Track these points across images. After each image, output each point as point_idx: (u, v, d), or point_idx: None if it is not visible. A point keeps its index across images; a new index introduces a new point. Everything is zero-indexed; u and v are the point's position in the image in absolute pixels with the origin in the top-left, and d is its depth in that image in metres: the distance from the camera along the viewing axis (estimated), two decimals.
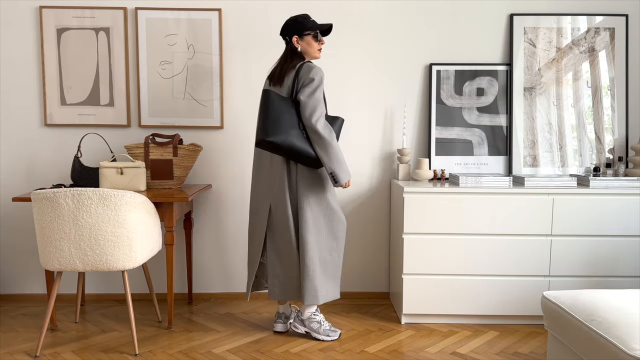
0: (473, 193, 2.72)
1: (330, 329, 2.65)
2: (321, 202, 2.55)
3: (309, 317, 2.64)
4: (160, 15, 3.06)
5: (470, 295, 2.77)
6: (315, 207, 2.53)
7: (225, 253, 3.24)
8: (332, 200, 2.59)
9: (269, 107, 2.44)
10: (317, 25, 2.55)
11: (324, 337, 2.62)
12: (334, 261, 2.59)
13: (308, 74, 2.45)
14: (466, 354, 2.47)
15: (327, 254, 2.56)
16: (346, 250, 3.13)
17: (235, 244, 3.23)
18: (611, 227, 2.72)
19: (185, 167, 2.93)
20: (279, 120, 2.41)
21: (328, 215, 2.56)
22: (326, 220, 2.56)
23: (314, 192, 2.54)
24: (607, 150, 3.10)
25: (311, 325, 2.64)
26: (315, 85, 2.44)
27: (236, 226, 3.22)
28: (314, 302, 2.52)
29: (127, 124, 3.13)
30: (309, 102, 2.43)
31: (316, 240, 2.52)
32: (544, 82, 3.12)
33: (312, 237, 2.51)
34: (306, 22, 2.54)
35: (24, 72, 3.10)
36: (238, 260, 3.24)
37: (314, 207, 2.52)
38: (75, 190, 2.30)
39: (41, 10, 3.04)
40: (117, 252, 2.37)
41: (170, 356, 2.44)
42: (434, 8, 3.12)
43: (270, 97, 2.45)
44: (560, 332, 1.85)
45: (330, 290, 2.58)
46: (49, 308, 2.46)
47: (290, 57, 2.54)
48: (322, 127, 2.43)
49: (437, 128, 3.14)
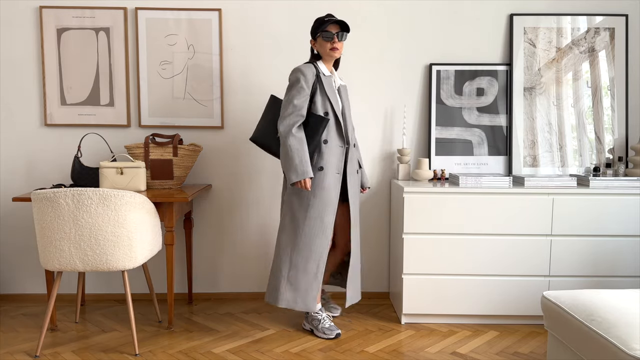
0: (473, 193, 2.72)
1: (330, 327, 2.65)
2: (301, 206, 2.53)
3: (311, 314, 2.67)
4: (160, 15, 3.06)
5: (470, 295, 2.77)
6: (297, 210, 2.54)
7: (225, 253, 3.25)
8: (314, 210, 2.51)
9: (265, 110, 2.69)
10: (324, 24, 2.54)
11: (321, 335, 2.64)
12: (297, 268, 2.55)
13: (289, 76, 2.58)
14: (466, 354, 2.47)
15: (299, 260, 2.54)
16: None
17: (235, 244, 3.23)
18: (611, 227, 2.72)
19: (185, 167, 2.93)
20: (264, 121, 2.63)
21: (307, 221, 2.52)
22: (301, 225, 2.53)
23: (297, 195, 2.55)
24: (607, 150, 3.10)
25: (312, 322, 2.68)
26: (289, 87, 2.54)
27: (236, 226, 3.22)
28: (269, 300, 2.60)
29: (127, 124, 3.13)
30: (282, 106, 2.55)
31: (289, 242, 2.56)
32: (544, 82, 3.12)
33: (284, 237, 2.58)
34: (317, 24, 2.59)
35: (24, 72, 3.10)
36: (238, 260, 3.25)
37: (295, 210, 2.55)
38: (75, 190, 2.30)
39: (41, 10, 3.04)
40: (117, 252, 2.37)
41: (170, 356, 2.44)
42: (434, 8, 3.12)
43: (269, 100, 2.66)
44: (560, 332, 1.85)
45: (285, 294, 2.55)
46: (49, 308, 2.46)
47: (310, 59, 2.67)
48: (282, 128, 2.48)
49: (437, 128, 3.14)
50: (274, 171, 3.18)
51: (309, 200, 2.51)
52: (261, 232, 3.23)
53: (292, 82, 2.54)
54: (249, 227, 3.22)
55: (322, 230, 2.53)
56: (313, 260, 2.53)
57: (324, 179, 2.53)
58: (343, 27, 2.56)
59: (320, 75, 2.57)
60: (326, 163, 2.54)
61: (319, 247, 2.53)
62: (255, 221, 3.22)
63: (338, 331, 2.66)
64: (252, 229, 3.23)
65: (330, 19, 2.54)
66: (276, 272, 2.59)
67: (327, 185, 2.53)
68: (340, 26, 2.56)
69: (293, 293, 2.55)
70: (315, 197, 2.51)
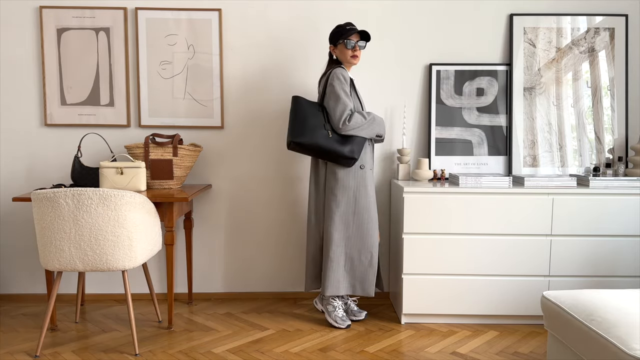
0: (473, 193, 2.72)
1: (342, 317, 2.76)
2: (349, 200, 2.69)
3: (328, 298, 2.78)
4: (160, 15, 3.06)
5: (470, 295, 2.77)
6: (343, 204, 2.68)
7: (225, 253, 3.25)
8: (364, 199, 2.70)
9: (297, 111, 2.68)
10: (347, 33, 2.67)
11: (332, 322, 2.77)
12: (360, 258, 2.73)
13: (331, 81, 2.66)
14: (466, 353, 2.47)
15: (354, 251, 2.71)
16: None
17: (235, 244, 3.23)
18: (611, 227, 2.72)
19: (185, 167, 2.93)
20: (304, 122, 2.63)
21: (357, 213, 2.69)
22: (355, 218, 2.69)
23: (342, 190, 2.69)
24: (607, 150, 3.10)
25: (327, 307, 2.80)
26: (335, 90, 2.63)
27: (236, 226, 3.22)
28: (333, 292, 2.72)
29: (127, 124, 3.13)
30: (332, 108, 2.64)
31: (342, 237, 2.70)
32: (543, 82, 3.12)
33: (338, 234, 2.68)
34: (340, 31, 2.70)
35: (24, 72, 3.10)
36: (238, 260, 3.25)
37: (341, 204, 2.68)
38: (75, 190, 2.30)
39: (41, 10, 3.04)
40: (117, 252, 2.37)
41: (170, 356, 2.44)
42: (434, 8, 3.12)
43: (298, 101, 2.70)
44: (560, 332, 1.85)
45: (346, 284, 2.74)
46: (49, 308, 2.46)
47: (329, 64, 2.80)
48: (352, 125, 2.62)
49: (437, 128, 3.14)
50: (274, 171, 3.19)
51: (355, 196, 2.70)
52: (261, 232, 3.23)
53: (338, 87, 2.64)
54: (249, 227, 3.22)
55: (369, 222, 2.71)
56: (367, 250, 2.71)
57: (365, 176, 2.72)
58: (363, 36, 2.71)
59: (351, 78, 2.74)
60: (366, 161, 2.74)
61: (369, 238, 2.71)
62: (255, 221, 3.22)
63: (349, 322, 2.76)
64: (252, 228, 3.23)
65: (352, 28, 2.69)
66: (332, 265, 2.70)
67: (368, 182, 2.73)
68: (361, 35, 2.72)
69: (352, 280, 2.74)
70: (360, 193, 2.70)
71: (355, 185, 2.69)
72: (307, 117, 2.64)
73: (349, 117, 2.62)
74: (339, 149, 2.60)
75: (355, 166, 2.69)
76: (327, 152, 2.61)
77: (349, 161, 2.64)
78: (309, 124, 2.62)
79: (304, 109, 2.67)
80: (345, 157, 2.62)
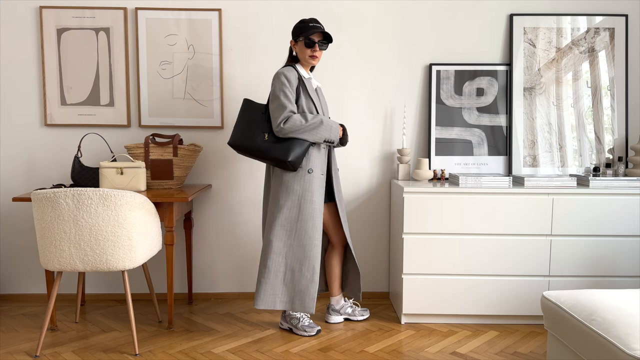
0: (473, 193, 2.72)
1: (310, 325, 2.68)
2: (292, 205, 2.55)
3: (289, 313, 2.69)
4: (160, 15, 3.06)
5: (470, 295, 2.77)
6: (285, 210, 2.55)
7: (225, 253, 3.25)
8: (309, 206, 2.55)
9: (240, 113, 2.61)
10: (309, 31, 2.53)
11: (301, 333, 2.66)
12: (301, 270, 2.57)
13: (272, 82, 2.55)
14: (466, 353, 2.47)
15: (295, 262, 2.57)
16: None
17: (235, 244, 3.23)
18: (611, 227, 2.72)
19: (185, 167, 2.93)
20: (241, 125, 2.56)
21: (300, 220, 2.55)
22: (298, 226, 2.55)
23: (286, 198, 2.55)
24: (606, 150, 3.10)
25: (291, 322, 2.69)
26: (275, 91, 2.51)
27: (236, 226, 3.22)
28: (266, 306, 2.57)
29: (127, 124, 3.13)
30: (271, 110, 2.52)
31: (283, 245, 2.56)
32: (543, 82, 3.12)
33: (278, 242, 2.55)
34: (302, 27, 2.55)
35: (24, 72, 3.10)
36: (238, 260, 3.25)
37: (283, 209, 2.55)
38: (75, 190, 2.30)
39: (41, 10, 3.04)
40: (117, 252, 2.37)
41: (170, 356, 2.44)
42: (434, 8, 3.12)
43: (245, 103, 2.62)
44: (560, 332, 1.85)
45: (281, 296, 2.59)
46: (49, 308, 2.46)
47: (288, 60, 2.67)
48: (288, 127, 2.46)
49: (437, 128, 3.14)
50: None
51: (300, 203, 2.54)
52: (261, 232, 3.23)
53: (278, 88, 2.51)
54: (248, 227, 3.22)
55: (313, 231, 2.56)
56: (309, 262, 2.56)
57: (312, 181, 2.56)
58: (326, 37, 2.57)
59: (301, 78, 2.58)
60: (315, 165, 2.58)
61: (313, 248, 2.56)
62: (255, 221, 3.22)
63: (318, 327, 2.70)
64: (252, 228, 3.23)
65: (316, 26, 2.55)
66: (269, 275, 2.57)
67: (315, 187, 2.57)
68: (324, 35, 2.57)
69: (291, 294, 2.58)
70: (305, 199, 2.55)
71: (301, 191, 2.54)
72: (247, 120, 2.55)
73: (286, 119, 2.46)
74: (274, 152, 2.47)
75: (302, 170, 2.54)
76: (263, 155, 2.50)
77: (287, 164, 2.47)
78: (248, 126, 2.53)
79: (248, 112, 2.58)
80: (281, 160, 2.46)
